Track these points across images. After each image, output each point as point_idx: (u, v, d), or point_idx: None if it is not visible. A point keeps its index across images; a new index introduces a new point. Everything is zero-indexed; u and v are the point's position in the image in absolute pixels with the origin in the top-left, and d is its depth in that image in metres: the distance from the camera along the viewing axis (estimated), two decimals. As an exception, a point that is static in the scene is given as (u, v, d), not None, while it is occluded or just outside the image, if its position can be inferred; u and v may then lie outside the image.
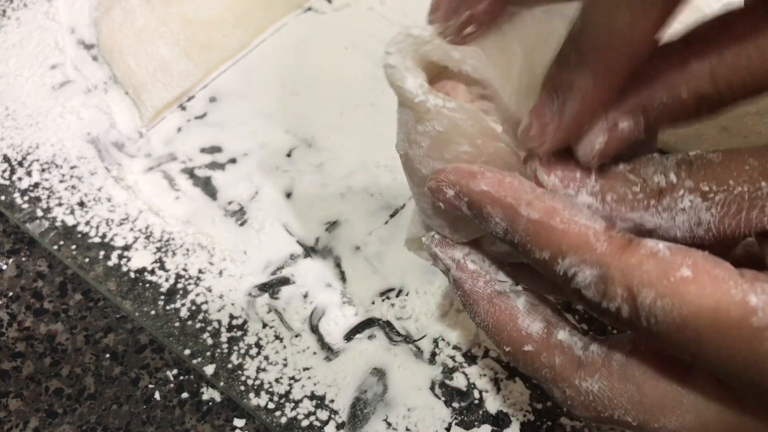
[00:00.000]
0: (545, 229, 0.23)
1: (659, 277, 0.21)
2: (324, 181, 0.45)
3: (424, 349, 0.39)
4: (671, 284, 0.20)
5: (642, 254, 0.21)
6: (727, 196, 0.22)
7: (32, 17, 0.52)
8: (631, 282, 0.21)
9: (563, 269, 0.22)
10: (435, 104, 0.25)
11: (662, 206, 0.23)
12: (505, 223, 0.24)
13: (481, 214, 0.24)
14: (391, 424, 0.37)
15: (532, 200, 0.23)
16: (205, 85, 0.49)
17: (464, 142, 0.25)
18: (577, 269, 0.22)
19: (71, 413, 0.38)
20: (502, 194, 0.24)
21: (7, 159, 0.46)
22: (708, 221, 0.22)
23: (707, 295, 0.20)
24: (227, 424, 0.38)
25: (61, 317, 0.41)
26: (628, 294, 0.21)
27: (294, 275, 0.41)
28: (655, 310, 0.21)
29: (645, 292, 0.21)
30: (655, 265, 0.21)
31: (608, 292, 0.22)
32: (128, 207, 0.44)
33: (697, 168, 0.22)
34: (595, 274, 0.22)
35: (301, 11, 0.53)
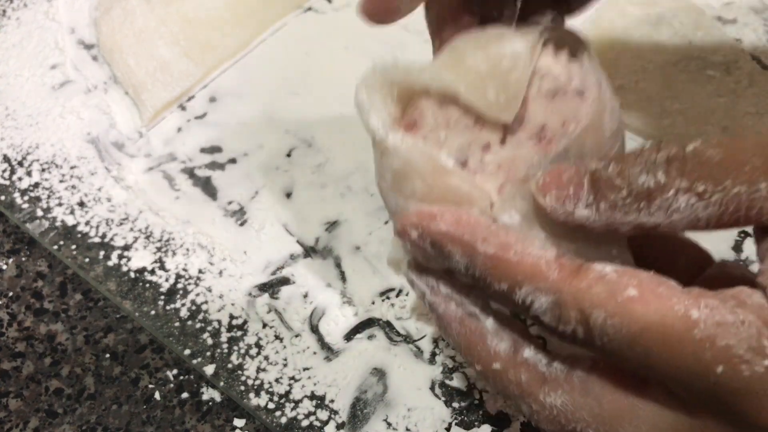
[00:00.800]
0: (501, 263, 0.24)
1: (607, 298, 0.22)
2: (324, 181, 0.45)
3: (424, 349, 0.39)
4: (619, 304, 0.22)
5: (591, 278, 0.23)
6: (724, 197, 0.22)
7: (32, 17, 0.52)
8: (582, 305, 0.22)
9: (521, 298, 0.24)
10: (394, 142, 0.27)
11: (654, 207, 0.23)
12: (465, 259, 0.25)
13: (442, 253, 0.26)
14: (391, 424, 0.37)
15: (488, 236, 0.25)
16: (205, 85, 0.49)
17: (417, 179, 0.27)
18: (533, 297, 0.24)
19: (71, 413, 0.38)
20: (459, 233, 0.25)
21: (7, 159, 0.46)
22: (706, 219, 0.22)
23: (652, 312, 0.21)
24: (227, 424, 0.38)
25: (61, 317, 0.41)
26: (581, 316, 0.22)
27: (294, 275, 0.41)
28: (607, 329, 0.22)
29: (596, 313, 0.22)
30: (604, 288, 0.22)
31: (563, 316, 0.23)
32: (128, 207, 0.44)
33: (692, 167, 0.22)
34: (549, 301, 0.23)
35: (301, 11, 0.53)
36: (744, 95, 0.47)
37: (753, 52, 0.49)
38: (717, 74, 0.48)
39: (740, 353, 0.20)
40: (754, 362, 0.20)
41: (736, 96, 0.47)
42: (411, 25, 0.52)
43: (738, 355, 0.20)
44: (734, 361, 0.20)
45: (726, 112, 0.46)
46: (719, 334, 0.20)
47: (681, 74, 0.46)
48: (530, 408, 0.26)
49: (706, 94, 0.47)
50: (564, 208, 0.24)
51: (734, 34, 0.50)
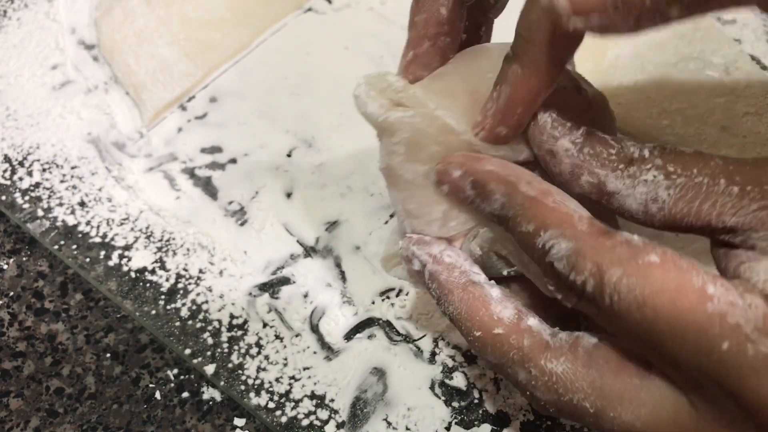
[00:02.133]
0: (537, 205, 0.25)
1: (629, 258, 0.23)
2: (324, 181, 0.45)
3: (424, 349, 0.39)
4: (638, 266, 0.22)
5: (617, 240, 0.23)
6: (688, 181, 0.24)
7: (33, 17, 0.53)
8: (601, 259, 0.23)
9: (542, 242, 0.24)
10: (397, 117, 0.29)
11: (628, 173, 0.25)
12: (504, 198, 0.26)
13: (483, 191, 0.27)
14: (391, 423, 0.37)
15: (532, 180, 0.26)
16: (205, 86, 0.49)
17: (431, 143, 0.28)
18: (555, 242, 0.24)
19: (72, 413, 0.39)
20: (505, 173, 0.26)
21: (8, 159, 0.46)
22: (663, 199, 0.24)
23: (670, 280, 0.22)
24: (227, 424, 0.38)
25: (62, 317, 0.42)
26: (597, 270, 0.23)
27: (294, 275, 0.41)
28: (620, 287, 0.22)
29: (613, 270, 0.22)
30: (626, 249, 0.23)
31: (578, 264, 0.23)
32: (129, 207, 0.44)
33: (669, 152, 0.24)
34: (569, 247, 0.24)
35: (301, 12, 0.53)
36: (743, 95, 0.47)
37: (752, 52, 0.49)
38: (716, 74, 0.48)
39: (747, 332, 0.21)
40: (759, 342, 0.21)
41: (735, 96, 0.47)
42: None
43: (745, 334, 0.21)
44: (740, 339, 0.21)
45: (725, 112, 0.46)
46: (730, 312, 0.21)
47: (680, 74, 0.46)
48: (528, 374, 0.26)
49: (705, 94, 0.47)
50: (552, 132, 0.26)
51: (734, 35, 0.50)
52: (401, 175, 0.30)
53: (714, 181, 0.23)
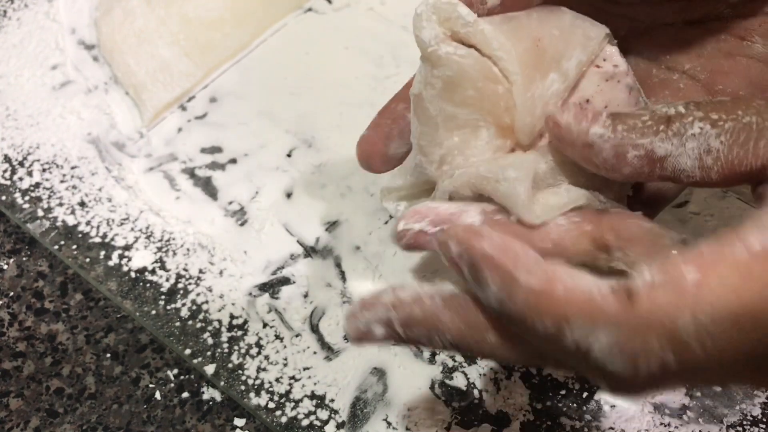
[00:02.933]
0: (547, 300, 0.21)
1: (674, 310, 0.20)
2: (324, 181, 0.45)
3: (424, 349, 0.39)
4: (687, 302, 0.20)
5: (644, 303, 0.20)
6: (736, 124, 0.23)
7: (33, 18, 0.53)
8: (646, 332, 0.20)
9: (575, 341, 0.21)
10: (446, 52, 0.28)
11: (672, 131, 0.24)
12: (502, 293, 0.22)
13: (477, 278, 0.23)
14: (391, 423, 0.37)
15: (532, 268, 0.22)
16: (205, 86, 0.49)
17: (469, 87, 0.28)
18: (593, 339, 0.21)
19: (72, 413, 0.39)
20: (503, 259, 0.22)
21: (8, 159, 0.46)
22: (717, 149, 0.23)
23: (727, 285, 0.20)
24: (227, 424, 0.38)
25: (62, 317, 0.42)
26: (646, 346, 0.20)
27: (294, 275, 0.41)
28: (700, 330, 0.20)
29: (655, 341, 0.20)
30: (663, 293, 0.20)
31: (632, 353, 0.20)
32: (129, 207, 0.44)
33: (706, 103, 0.24)
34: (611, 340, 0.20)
35: (301, 12, 0.53)
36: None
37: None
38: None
39: None
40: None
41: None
42: (411, 25, 0.52)
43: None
44: None
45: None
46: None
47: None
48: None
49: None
50: (579, 127, 0.25)
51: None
52: (427, 108, 0.29)
53: (763, 118, 0.22)
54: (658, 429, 0.36)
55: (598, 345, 0.21)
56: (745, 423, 0.36)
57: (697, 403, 0.37)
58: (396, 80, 0.49)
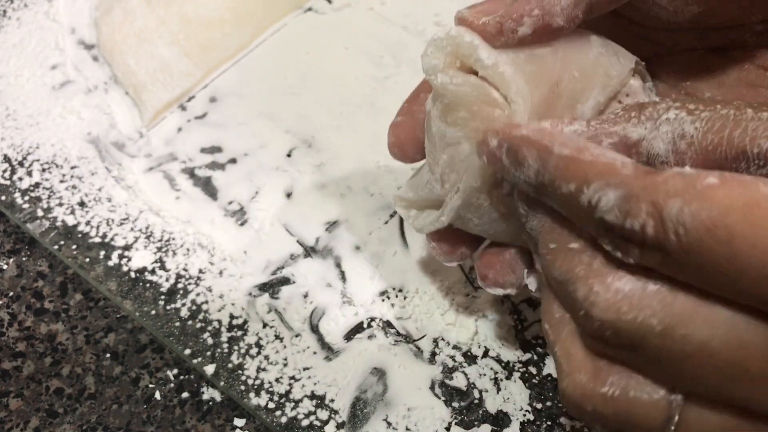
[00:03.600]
0: (574, 163, 0.23)
1: (685, 187, 0.20)
2: (324, 181, 0.45)
3: (424, 349, 0.39)
4: (698, 191, 0.20)
5: (667, 174, 0.21)
6: (713, 114, 0.23)
7: (32, 17, 0.53)
8: (656, 196, 0.21)
9: (587, 198, 0.22)
10: (442, 82, 0.28)
11: (645, 116, 0.24)
12: (538, 163, 0.24)
13: (516, 157, 0.25)
14: (391, 423, 0.37)
15: (566, 141, 0.24)
16: (205, 85, 0.49)
17: (462, 110, 0.28)
18: (601, 194, 0.22)
19: (72, 413, 0.39)
20: (538, 137, 0.24)
21: (7, 159, 0.46)
22: (691, 134, 0.23)
23: (736, 195, 0.20)
24: (227, 424, 0.38)
25: (62, 317, 0.41)
26: (653, 208, 0.21)
27: (294, 275, 0.41)
28: (683, 218, 0.20)
29: (672, 203, 0.20)
30: (681, 179, 0.20)
31: (632, 209, 0.21)
32: (129, 207, 0.44)
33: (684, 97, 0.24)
34: (618, 195, 0.21)
35: (301, 11, 0.53)
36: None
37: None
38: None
39: None
40: None
41: (735, 96, 0.47)
42: (411, 26, 0.52)
43: None
44: None
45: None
46: None
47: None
48: (590, 290, 0.23)
49: (706, 94, 0.47)
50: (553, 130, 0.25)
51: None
52: (431, 126, 0.30)
53: (740, 111, 0.22)
54: (658, 429, 0.36)
55: (605, 199, 0.22)
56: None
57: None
58: (396, 80, 0.49)
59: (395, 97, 0.48)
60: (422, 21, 0.52)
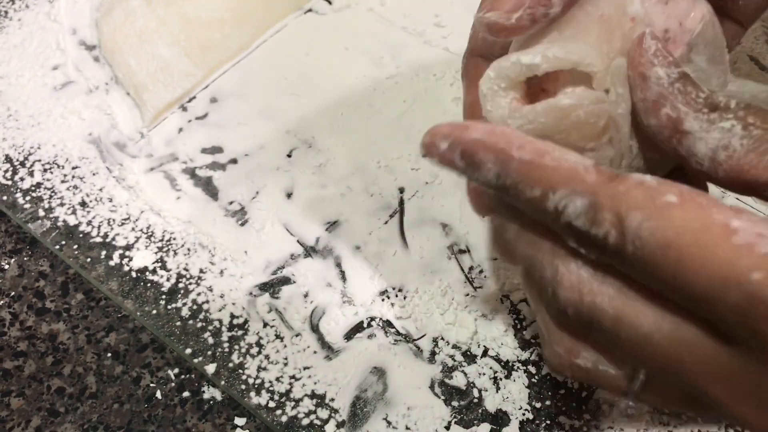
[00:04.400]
0: (536, 168, 0.24)
1: (645, 201, 0.22)
2: (324, 181, 0.45)
3: (424, 349, 0.39)
4: (657, 207, 0.21)
5: (630, 183, 0.22)
6: (764, 134, 0.23)
7: (34, 18, 0.53)
8: (619, 207, 0.22)
9: (554, 204, 0.23)
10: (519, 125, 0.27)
11: (708, 118, 0.24)
12: (497, 167, 0.25)
13: (473, 162, 0.25)
14: (391, 422, 0.37)
15: (523, 144, 0.24)
16: (206, 86, 0.49)
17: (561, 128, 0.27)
18: (568, 201, 0.23)
19: (73, 412, 0.39)
20: (494, 140, 0.25)
21: (9, 159, 0.46)
22: (735, 148, 0.24)
23: (691, 218, 0.21)
24: (228, 423, 0.38)
25: (63, 317, 0.42)
26: (616, 219, 0.22)
27: (294, 275, 0.42)
28: (641, 232, 0.21)
29: (632, 216, 0.22)
30: (642, 192, 0.22)
31: (597, 218, 0.22)
32: (130, 207, 0.44)
33: (754, 108, 0.24)
34: (585, 203, 0.23)
35: (302, 12, 0.53)
36: (742, 96, 0.47)
37: (751, 53, 0.49)
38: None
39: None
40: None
41: (734, 97, 0.47)
42: (411, 26, 0.52)
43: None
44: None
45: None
46: (759, 243, 0.20)
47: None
48: (555, 270, 0.25)
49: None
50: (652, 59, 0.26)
51: (732, 35, 0.50)
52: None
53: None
54: (657, 428, 0.36)
55: (572, 206, 0.23)
56: (743, 422, 0.36)
57: (695, 403, 0.37)
58: (396, 80, 0.49)
59: (395, 98, 0.48)
60: (422, 21, 0.52)
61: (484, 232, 0.43)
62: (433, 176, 0.45)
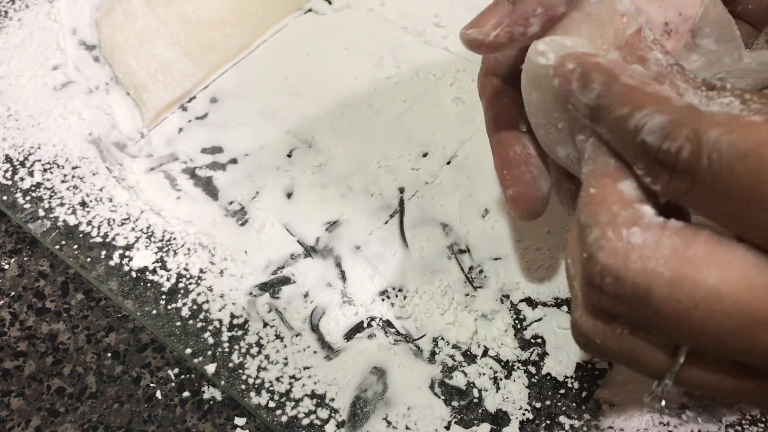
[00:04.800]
0: (635, 91, 0.24)
1: (729, 120, 0.21)
2: (324, 181, 0.45)
3: (424, 349, 0.39)
4: (741, 123, 0.21)
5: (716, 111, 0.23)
6: (763, 107, 0.23)
7: (34, 18, 0.53)
8: (699, 125, 0.22)
9: (635, 121, 0.23)
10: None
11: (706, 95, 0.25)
12: (603, 87, 0.25)
13: (585, 80, 0.26)
14: (391, 422, 0.37)
15: (634, 75, 0.25)
16: (206, 86, 0.50)
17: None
18: (649, 118, 0.23)
19: (73, 412, 0.39)
20: (611, 66, 0.25)
21: (9, 159, 0.46)
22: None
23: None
24: (228, 423, 0.38)
25: (63, 317, 0.42)
26: (693, 135, 0.21)
27: (294, 275, 0.42)
28: (720, 144, 0.21)
29: (712, 131, 0.21)
30: (728, 116, 0.22)
31: (673, 131, 0.22)
32: (130, 207, 0.44)
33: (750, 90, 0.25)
34: (664, 120, 0.22)
35: (302, 12, 0.53)
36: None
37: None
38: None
39: None
40: None
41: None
42: (411, 26, 0.52)
43: None
44: None
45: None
46: None
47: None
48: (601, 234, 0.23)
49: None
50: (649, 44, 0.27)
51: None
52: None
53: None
54: (657, 428, 0.36)
55: (651, 122, 0.23)
56: (744, 422, 0.36)
57: (696, 402, 0.37)
58: (396, 80, 0.49)
59: (395, 98, 0.48)
60: (422, 21, 0.52)
61: (484, 232, 0.43)
62: (433, 176, 0.45)
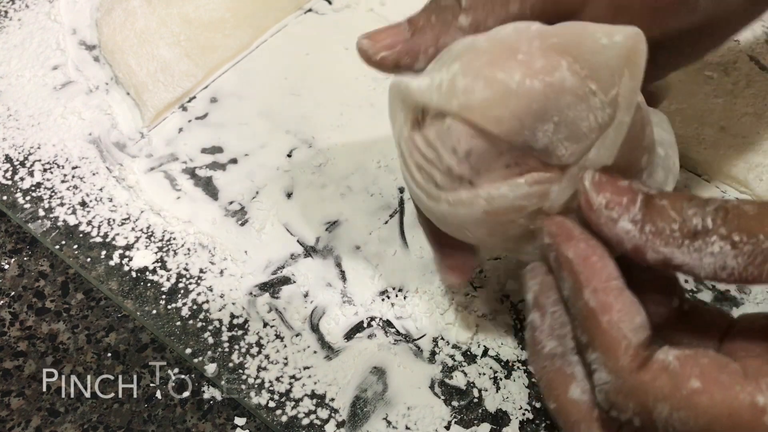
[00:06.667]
0: (592, 321, 0.25)
1: (672, 391, 0.23)
2: (324, 181, 0.45)
3: (424, 348, 0.39)
4: (684, 397, 0.23)
5: (655, 369, 0.24)
6: (755, 248, 0.23)
7: (34, 18, 0.53)
8: (645, 398, 0.24)
9: (590, 360, 0.26)
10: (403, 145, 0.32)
11: (694, 247, 0.25)
12: (571, 292, 0.26)
13: (558, 270, 0.27)
14: (391, 422, 0.37)
15: (598, 288, 0.25)
16: (206, 86, 0.50)
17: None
18: (597, 367, 0.25)
19: (73, 412, 0.39)
20: (579, 268, 0.26)
21: (9, 159, 0.46)
22: (732, 267, 0.24)
23: (718, 403, 0.23)
24: (228, 423, 0.38)
25: (63, 316, 0.42)
26: (641, 409, 0.24)
27: (294, 275, 0.42)
28: (673, 422, 0.23)
29: (660, 406, 0.23)
30: (667, 380, 0.23)
31: (619, 403, 0.24)
32: (130, 207, 0.44)
33: (732, 218, 0.24)
34: (609, 384, 0.25)
35: (302, 12, 0.53)
36: (742, 96, 0.47)
37: (751, 53, 0.49)
38: (715, 75, 0.48)
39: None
40: None
41: (733, 96, 0.47)
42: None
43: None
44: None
45: (723, 112, 0.46)
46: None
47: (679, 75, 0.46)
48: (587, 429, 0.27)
49: (704, 94, 0.47)
50: (610, 214, 0.26)
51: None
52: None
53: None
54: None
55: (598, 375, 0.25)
56: None
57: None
58: (396, 81, 0.49)
59: (395, 98, 0.48)
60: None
61: (484, 232, 0.43)
62: (433, 176, 0.45)
